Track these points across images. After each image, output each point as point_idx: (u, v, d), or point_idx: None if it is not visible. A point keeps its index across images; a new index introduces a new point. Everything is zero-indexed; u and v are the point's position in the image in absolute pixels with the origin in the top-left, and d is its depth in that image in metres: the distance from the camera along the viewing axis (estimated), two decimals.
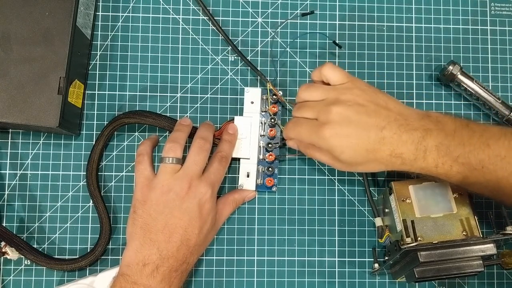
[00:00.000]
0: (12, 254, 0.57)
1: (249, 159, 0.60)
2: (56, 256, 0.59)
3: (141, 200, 0.54)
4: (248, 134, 0.60)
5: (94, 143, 0.60)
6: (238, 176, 0.60)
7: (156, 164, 0.56)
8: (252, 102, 0.61)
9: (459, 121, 0.51)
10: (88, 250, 0.59)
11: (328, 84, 0.55)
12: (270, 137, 0.61)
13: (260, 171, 0.61)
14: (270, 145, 0.60)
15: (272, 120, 0.60)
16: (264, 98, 0.61)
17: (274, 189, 0.61)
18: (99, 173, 0.60)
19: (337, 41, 0.63)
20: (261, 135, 0.61)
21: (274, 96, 0.61)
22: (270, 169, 0.60)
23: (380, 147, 0.50)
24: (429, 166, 0.50)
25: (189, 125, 0.58)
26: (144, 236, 0.52)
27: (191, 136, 0.57)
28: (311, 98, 0.54)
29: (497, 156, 0.49)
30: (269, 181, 0.60)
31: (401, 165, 0.51)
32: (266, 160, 0.60)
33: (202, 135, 0.57)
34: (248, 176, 0.60)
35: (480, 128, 0.51)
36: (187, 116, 0.62)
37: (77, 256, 0.59)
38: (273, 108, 0.61)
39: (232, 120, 0.60)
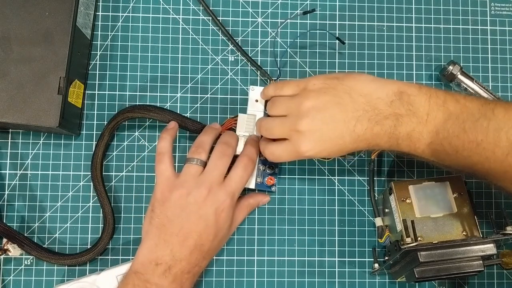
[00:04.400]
0: (13, 251, 0.57)
1: None
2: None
3: (160, 200, 0.53)
4: (252, 131, 0.59)
5: (99, 137, 0.59)
6: None
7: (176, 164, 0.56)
8: (257, 101, 0.60)
9: (434, 99, 0.49)
10: None
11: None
12: None
13: (261, 169, 0.60)
14: None
15: None
16: None
17: (273, 189, 0.60)
18: None
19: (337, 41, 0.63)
20: None
21: None
22: (271, 167, 0.60)
23: (357, 145, 0.51)
24: (403, 151, 0.51)
25: (218, 129, 0.58)
26: (159, 236, 0.52)
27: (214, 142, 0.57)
28: (277, 114, 0.54)
29: (472, 142, 0.47)
30: (270, 180, 0.60)
31: (380, 149, 0.53)
32: None
33: (225, 140, 0.56)
34: None
35: (457, 108, 0.48)
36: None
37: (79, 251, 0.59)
38: None
39: (236, 116, 0.60)
